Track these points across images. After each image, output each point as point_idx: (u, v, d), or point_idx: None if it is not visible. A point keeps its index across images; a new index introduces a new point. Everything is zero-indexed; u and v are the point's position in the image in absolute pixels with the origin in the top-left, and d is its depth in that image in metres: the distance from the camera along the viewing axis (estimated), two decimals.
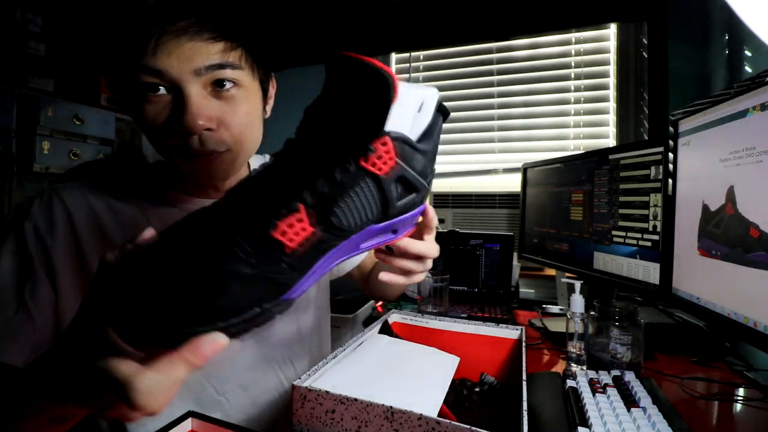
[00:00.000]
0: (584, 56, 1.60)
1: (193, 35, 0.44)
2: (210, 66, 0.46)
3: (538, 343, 0.92)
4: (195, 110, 0.45)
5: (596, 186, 0.96)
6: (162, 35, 0.43)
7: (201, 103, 0.46)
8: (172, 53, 0.44)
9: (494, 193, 1.63)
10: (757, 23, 0.77)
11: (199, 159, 0.49)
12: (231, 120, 0.49)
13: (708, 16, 1.21)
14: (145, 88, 0.45)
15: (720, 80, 1.14)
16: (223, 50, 0.47)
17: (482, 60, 1.74)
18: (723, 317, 0.62)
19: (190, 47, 0.45)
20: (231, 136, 0.49)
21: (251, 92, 0.51)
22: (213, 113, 0.47)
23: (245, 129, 0.51)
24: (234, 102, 0.49)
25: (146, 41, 0.43)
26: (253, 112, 0.52)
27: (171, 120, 0.46)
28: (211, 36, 0.46)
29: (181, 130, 0.46)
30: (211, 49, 0.46)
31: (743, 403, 0.65)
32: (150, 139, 0.50)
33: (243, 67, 0.49)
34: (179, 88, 0.45)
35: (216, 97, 0.48)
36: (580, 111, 1.60)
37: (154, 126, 0.47)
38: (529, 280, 1.49)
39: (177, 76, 0.45)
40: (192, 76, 0.45)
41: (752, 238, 0.57)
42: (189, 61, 0.45)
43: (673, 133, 0.78)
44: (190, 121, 0.45)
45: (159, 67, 0.44)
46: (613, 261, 0.90)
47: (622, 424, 0.49)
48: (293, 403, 0.44)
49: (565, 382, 0.62)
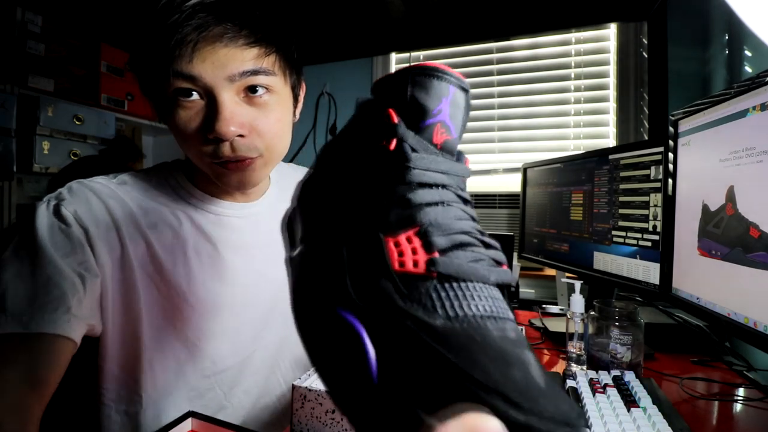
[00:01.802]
0: (584, 56, 1.60)
1: (228, 42, 0.44)
2: (244, 72, 0.46)
3: (538, 343, 0.92)
4: (228, 116, 0.45)
5: (596, 186, 0.96)
6: (198, 42, 0.43)
7: (234, 110, 0.46)
8: (206, 59, 0.44)
9: (494, 193, 1.63)
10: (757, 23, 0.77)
11: (231, 165, 0.49)
12: (263, 126, 0.49)
13: (708, 16, 1.21)
14: (179, 93, 0.46)
15: (720, 80, 1.14)
16: (257, 56, 0.46)
17: (482, 60, 1.74)
18: (723, 317, 0.62)
19: (225, 53, 0.45)
20: (263, 142, 0.49)
21: (283, 98, 0.51)
22: (245, 119, 0.47)
23: (276, 135, 0.51)
24: (266, 108, 0.49)
25: (182, 47, 0.43)
26: (284, 118, 0.52)
27: (203, 126, 0.47)
28: (246, 42, 0.45)
29: (213, 137, 0.46)
30: (245, 55, 0.46)
31: (743, 403, 0.65)
32: (182, 145, 0.50)
33: (276, 73, 0.49)
34: (212, 94, 0.45)
35: (248, 104, 0.48)
36: (580, 111, 1.60)
37: (187, 131, 0.47)
38: (529, 280, 1.49)
39: (211, 82, 0.45)
40: (226, 82, 0.45)
41: (752, 238, 0.57)
42: (223, 68, 0.45)
43: (673, 133, 0.78)
44: (222, 127, 0.45)
45: (194, 73, 0.44)
46: (613, 261, 0.90)
47: (622, 424, 0.49)
48: (293, 403, 0.44)
49: (565, 382, 0.62)
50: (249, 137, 0.48)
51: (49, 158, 1.65)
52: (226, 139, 0.46)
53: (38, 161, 1.63)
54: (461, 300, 0.20)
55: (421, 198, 0.23)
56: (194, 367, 0.54)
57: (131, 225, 0.51)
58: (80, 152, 1.74)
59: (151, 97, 0.50)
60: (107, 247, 0.48)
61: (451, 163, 0.25)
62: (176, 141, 0.50)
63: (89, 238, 0.47)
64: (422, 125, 0.24)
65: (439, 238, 0.22)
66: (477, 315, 0.20)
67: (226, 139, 0.46)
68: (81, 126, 1.75)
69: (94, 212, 0.49)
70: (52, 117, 1.65)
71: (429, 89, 0.24)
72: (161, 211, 0.54)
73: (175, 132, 0.49)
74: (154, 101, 0.49)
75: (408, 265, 0.21)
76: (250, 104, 0.48)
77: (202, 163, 0.50)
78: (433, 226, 0.22)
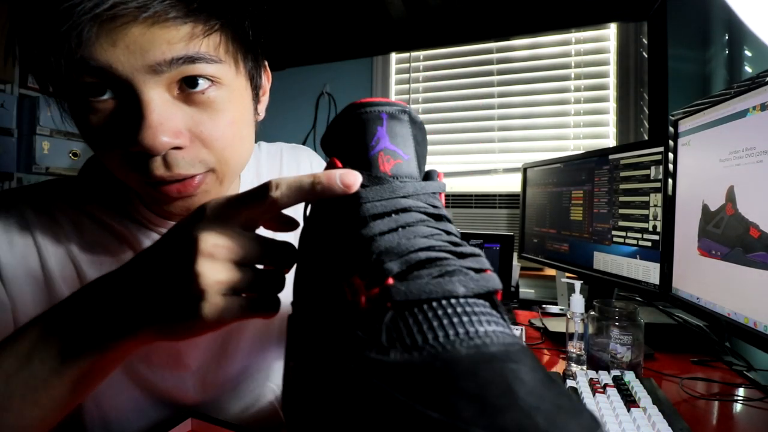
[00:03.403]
0: (584, 56, 1.60)
1: (147, 16, 0.30)
2: (175, 60, 0.32)
3: (538, 343, 0.92)
4: (155, 122, 0.32)
5: (596, 186, 0.96)
6: (101, 17, 0.30)
7: (164, 112, 0.33)
8: (117, 42, 0.31)
9: (494, 193, 1.63)
10: (757, 23, 0.77)
11: (168, 188, 0.35)
12: (210, 132, 0.35)
13: (708, 16, 1.21)
14: (87, 91, 0.33)
15: (720, 80, 1.14)
16: (192, 36, 0.32)
17: (482, 60, 1.74)
18: (723, 317, 0.62)
19: (143, 33, 0.31)
20: (212, 153, 0.36)
21: (236, 92, 0.38)
22: (182, 125, 0.34)
23: (231, 143, 0.37)
24: (212, 108, 0.35)
25: (81, 27, 0.29)
26: (240, 119, 0.38)
27: (123, 135, 0.33)
28: (175, 15, 0.31)
29: (138, 150, 0.33)
30: (174, 35, 0.32)
31: (743, 403, 0.65)
32: (102, 160, 0.37)
33: (222, 59, 0.35)
34: (132, 90, 0.32)
35: (186, 102, 0.35)
36: (580, 111, 1.60)
37: (103, 143, 0.35)
38: (529, 280, 1.49)
39: (126, 73, 0.31)
40: (148, 74, 0.32)
41: (752, 238, 0.57)
42: (143, 53, 0.31)
43: (673, 133, 0.78)
44: (148, 137, 0.32)
45: (101, 61, 0.31)
46: (613, 261, 0.90)
47: (622, 424, 0.49)
48: None
49: (565, 382, 0.62)
50: (190, 148, 0.35)
51: (49, 158, 1.65)
52: (156, 153, 0.33)
53: (38, 161, 1.63)
54: (422, 325, 0.18)
55: (373, 230, 0.22)
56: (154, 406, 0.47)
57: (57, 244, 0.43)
58: (80, 152, 1.74)
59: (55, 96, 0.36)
60: (24, 271, 0.41)
61: (412, 184, 0.24)
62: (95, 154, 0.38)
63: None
64: (367, 159, 0.24)
65: (392, 264, 0.21)
66: (440, 337, 0.18)
67: (156, 154, 0.33)
68: None
69: (11, 233, 0.41)
70: (52, 117, 1.65)
71: (360, 125, 0.25)
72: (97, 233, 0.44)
73: (89, 143, 0.36)
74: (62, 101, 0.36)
75: (361, 303, 0.20)
76: (189, 103, 0.35)
77: (131, 184, 0.37)
78: (384, 253, 0.21)
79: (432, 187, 0.25)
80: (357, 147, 0.25)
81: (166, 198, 0.37)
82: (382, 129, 0.25)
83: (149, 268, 0.29)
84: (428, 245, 0.21)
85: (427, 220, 0.23)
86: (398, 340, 0.18)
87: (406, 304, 0.19)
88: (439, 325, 0.18)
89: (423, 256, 0.21)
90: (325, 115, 1.98)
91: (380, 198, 0.23)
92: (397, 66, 1.89)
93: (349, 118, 0.25)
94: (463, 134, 1.76)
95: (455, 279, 0.20)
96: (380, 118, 0.25)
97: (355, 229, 0.23)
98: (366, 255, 0.21)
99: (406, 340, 0.18)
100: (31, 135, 1.61)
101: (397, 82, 1.89)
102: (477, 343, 0.17)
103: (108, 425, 0.46)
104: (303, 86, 2.01)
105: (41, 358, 0.30)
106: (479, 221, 1.64)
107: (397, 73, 1.89)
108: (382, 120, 0.25)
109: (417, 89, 1.86)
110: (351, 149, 0.25)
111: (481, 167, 1.72)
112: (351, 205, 0.24)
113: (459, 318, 0.18)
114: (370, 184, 0.24)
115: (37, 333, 0.31)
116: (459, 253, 0.22)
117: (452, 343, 0.17)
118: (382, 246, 0.21)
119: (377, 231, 0.22)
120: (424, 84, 1.85)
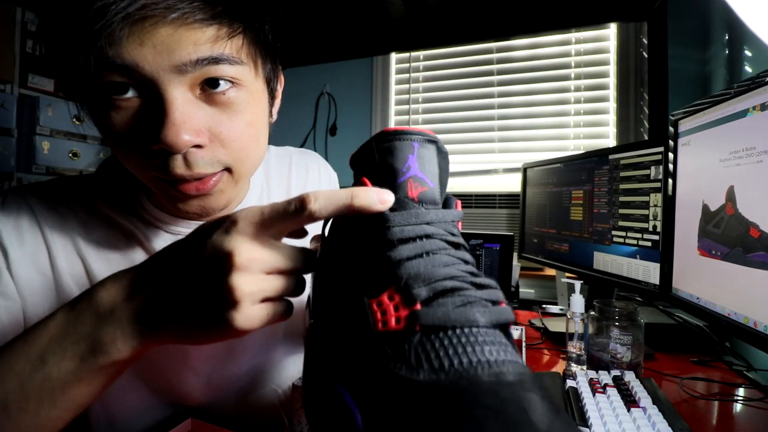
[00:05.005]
0: (584, 56, 1.60)
1: (174, 18, 0.32)
2: (199, 60, 0.33)
3: (538, 343, 0.92)
4: (178, 120, 0.33)
5: (596, 186, 0.96)
6: (131, 17, 0.31)
7: (187, 111, 0.34)
8: (145, 42, 0.32)
9: (494, 193, 1.63)
10: (757, 23, 0.77)
11: (186, 186, 0.37)
12: (228, 133, 0.37)
13: (708, 16, 1.21)
14: (111, 89, 0.34)
15: (720, 80, 1.14)
16: (217, 38, 0.34)
17: (482, 60, 1.74)
18: (723, 317, 0.62)
19: (170, 34, 0.32)
20: (229, 153, 0.38)
21: (254, 94, 0.39)
22: (203, 124, 0.36)
23: (247, 144, 0.39)
24: (232, 108, 0.37)
25: (110, 26, 0.31)
26: (257, 121, 0.40)
27: (146, 133, 0.34)
28: (201, 18, 0.33)
29: (160, 148, 0.34)
30: (200, 36, 0.33)
31: (743, 403, 0.65)
32: (120, 158, 0.38)
33: (244, 61, 0.37)
34: (156, 89, 0.33)
35: (207, 102, 0.36)
36: (580, 111, 1.60)
37: (124, 141, 0.36)
38: (529, 280, 1.49)
39: (152, 73, 0.33)
40: (173, 73, 0.33)
41: (752, 238, 0.57)
42: (169, 53, 0.32)
43: (673, 133, 0.78)
44: (171, 135, 0.33)
45: (127, 60, 0.32)
46: (613, 261, 0.90)
47: (622, 424, 0.49)
48: (293, 403, 0.44)
49: (565, 382, 0.62)
50: (209, 148, 0.36)
51: (49, 158, 1.65)
52: (177, 151, 0.34)
53: (38, 161, 1.63)
54: (447, 350, 0.20)
55: (401, 254, 0.24)
56: (160, 406, 0.48)
57: (66, 241, 0.43)
58: (80, 152, 1.75)
59: (76, 97, 0.37)
60: (34, 268, 0.42)
61: (435, 212, 0.26)
62: (114, 153, 0.40)
63: (8, 261, 0.41)
64: (396, 184, 0.26)
65: (420, 290, 0.22)
66: (465, 363, 0.19)
67: (177, 152, 0.34)
68: (81, 126, 1.75)
69: (21, 229, 0.42)
70: (52, 117, 1.65)
71: (393, 151, 0.26)
72: (108, 228, 0.45)
73: (109, 141, 0.37)
74: (83, 103, 0.37)
75: (391, 323, 0.22)
76: (210, 103, 0.36)
77: (149, 182, 0.38)
78: (413, 278, 0.23)
79: (452, 215, 0.26)
80: (388, 171, 0.26)
81: (183, 196, 0.38)
82: (413, 157, 0.26)
83: (177, 276, 0.29)
84: (451, 275, 0.23)
85: (447, 248, 0.25)
86: (426, 361, 0.20)
87: (433, 328, 0.21)
88: (463, 351, 0.20)
89: (448, 285, 0.23)
90: (325, 115, 1.98)
91: (407, 223, 0.25)
92: (397, 66, 1.89)
93: (383, 142, 0.27)
94: (463, 134, 1.76)
95: (475, 310, 0.22)
96: (412, 146, 0.26)
97: (382, 250, 0.24)
98: (393, 277, 0.23)
99: (434, 362, 0.20)
100: (31, 135, 1.61)
101: (397, 82, 1.89)
102: (496, 371, 0.19)
103: (113, 425, 0.46)
104: (303, 86, 2.01)
105: (56, 359, 0.30)
106: (479, 221, 1.64)
107: (397, 73, 1.89)
108: (414, 148, 0.26)
109: (417, 89, 1.86)
110: (382, 172, 0.26)
111: (481, 167, 1.72)
112: (378, 226, 0.25)
113: (480, 347, 0.20)
114: (398, 208, 0.25)
115: (51, 334, 0.31)
116: (478, 284, 0.24)
117: (475, 368, 0.19)
118: (411, 271, 0.23)
119: (405, 255, 0.23)
120: (424, 84, 1.85)
